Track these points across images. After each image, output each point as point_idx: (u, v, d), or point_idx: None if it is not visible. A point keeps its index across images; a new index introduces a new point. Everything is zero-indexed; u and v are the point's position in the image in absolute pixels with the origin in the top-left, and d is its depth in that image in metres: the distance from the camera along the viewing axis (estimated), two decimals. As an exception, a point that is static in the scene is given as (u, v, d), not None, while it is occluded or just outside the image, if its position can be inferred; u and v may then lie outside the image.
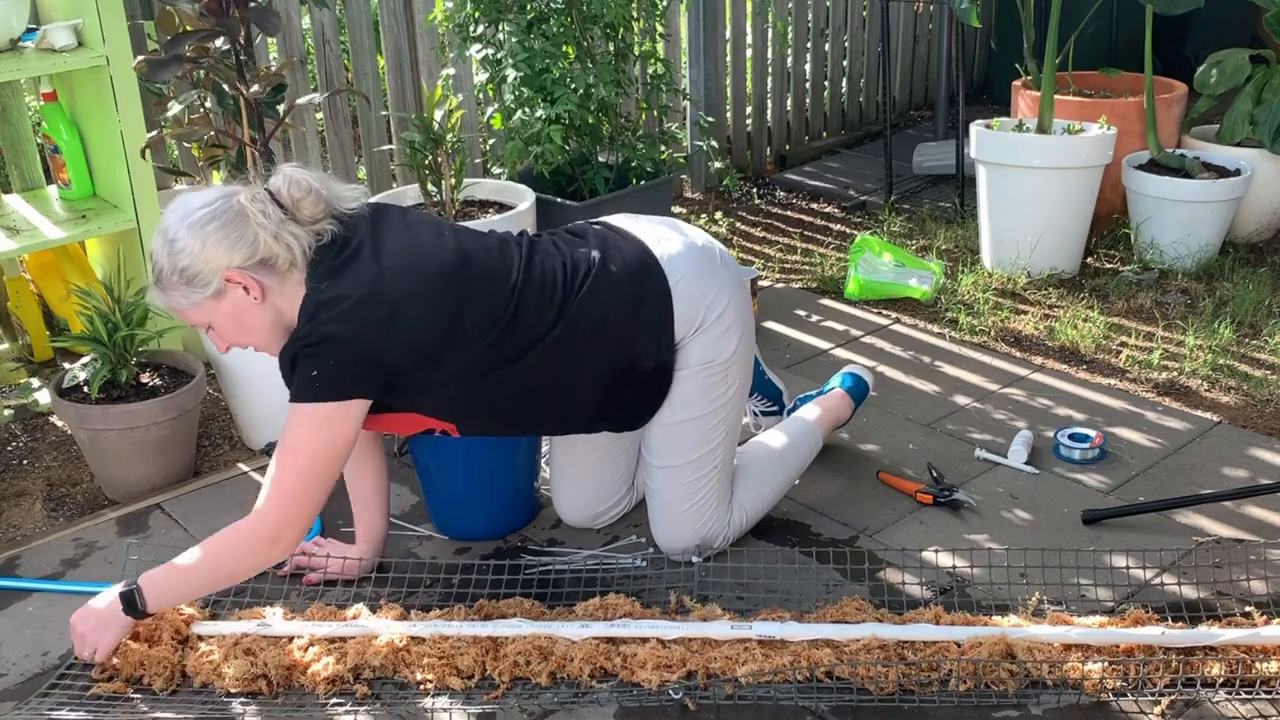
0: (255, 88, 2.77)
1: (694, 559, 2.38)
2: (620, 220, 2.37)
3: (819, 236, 4.35)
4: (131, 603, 2.07)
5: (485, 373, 2.15)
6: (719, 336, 2.26)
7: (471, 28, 3.37)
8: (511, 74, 3.25)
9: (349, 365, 2.04)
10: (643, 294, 2.22)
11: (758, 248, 4.24)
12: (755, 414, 2.96)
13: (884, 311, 3.64)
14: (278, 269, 2.05)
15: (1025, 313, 3.60)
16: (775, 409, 2.90)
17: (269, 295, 2.07)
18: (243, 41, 2.74)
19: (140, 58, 2.85)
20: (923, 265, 3.75)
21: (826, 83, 5.38)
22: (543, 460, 2.74)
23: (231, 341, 2.15)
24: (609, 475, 2.53)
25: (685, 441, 2.31)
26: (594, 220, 2.38)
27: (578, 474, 2.52)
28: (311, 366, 2.03)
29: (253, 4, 2.72)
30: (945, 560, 2.39)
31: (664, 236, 2.29)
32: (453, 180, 3.28)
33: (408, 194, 3.44)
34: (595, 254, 2.22)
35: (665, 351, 2.24)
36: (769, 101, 5.10)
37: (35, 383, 3.34)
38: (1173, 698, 1.98)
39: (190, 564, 2.09)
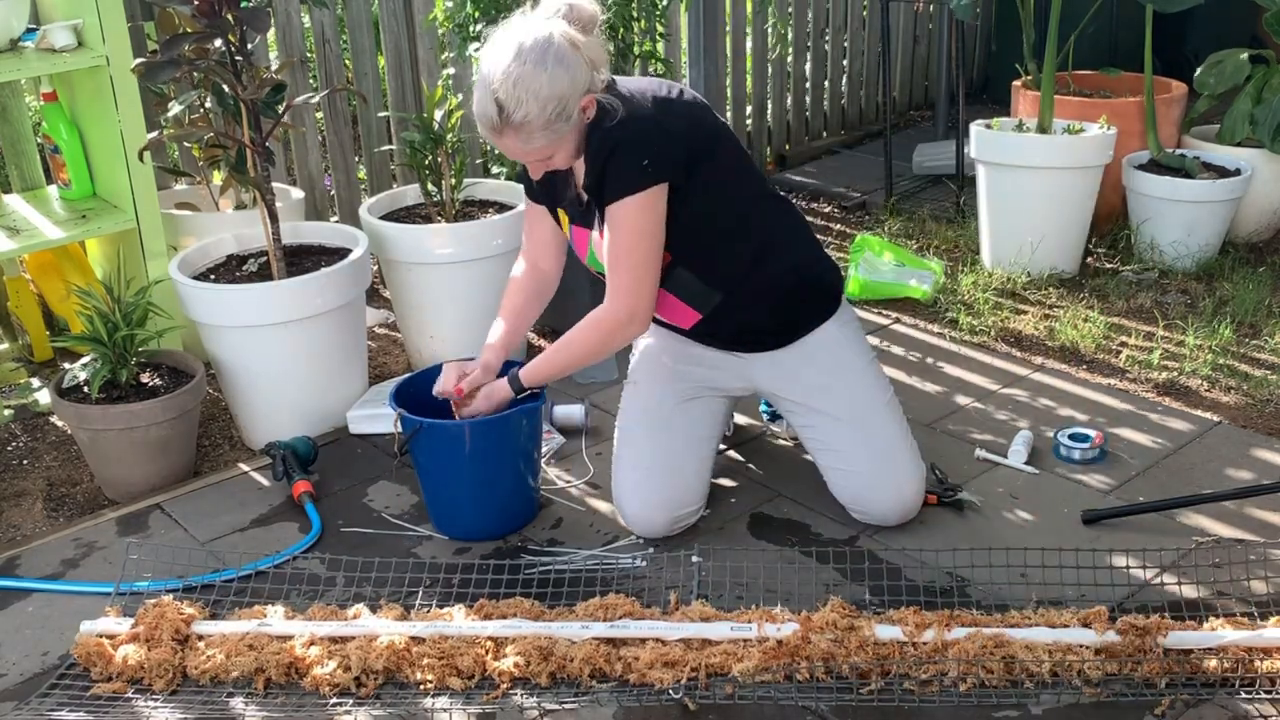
0: (251, 88, 2.77)
1: (695, 559, 2.38)
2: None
3: (819, 236, 4.33)
4: (515, 381, 2.42)
5: (734, 193, 2.37)
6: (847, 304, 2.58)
7: (471, 27, 3.37)
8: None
9: (669, 148, 2.23)
10: (802, 225, 2.56)
11: (758, 248, 4.23)
12: (766, 418, 2.97)
13: (884, 311, 3.64)
14: (595, 86, 2.21)
15: (1025, 313, 3.60)
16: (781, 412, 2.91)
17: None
18: (236, 42, 2.74)
19: (139, 60, 2.86)
20: (923, 265, 3.75)
21: (826, 83, 5.38)
22: (543, 461, 2.75)
23: (561, 165, 2.28)
24: (696, 474, 2.51)
25: (876, 381, 2.51)
26: None
27: (663, 468, 2.47)
28: (641, 155, 2.20)
29: (245, 4, 2.72)
30: (945, 560, 2.39)
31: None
32: (453, 180, 3.28)
33: (408, 194, 3.44)
34: None
35: (835, 276, 2.53)
36: (769, 101, 5.10)
37: (35, 383, 3.34)
38: (1173, 698, 1.98)
39: (558, 353, 2.41)
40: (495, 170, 3.53)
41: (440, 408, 2.50)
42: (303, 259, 3.03)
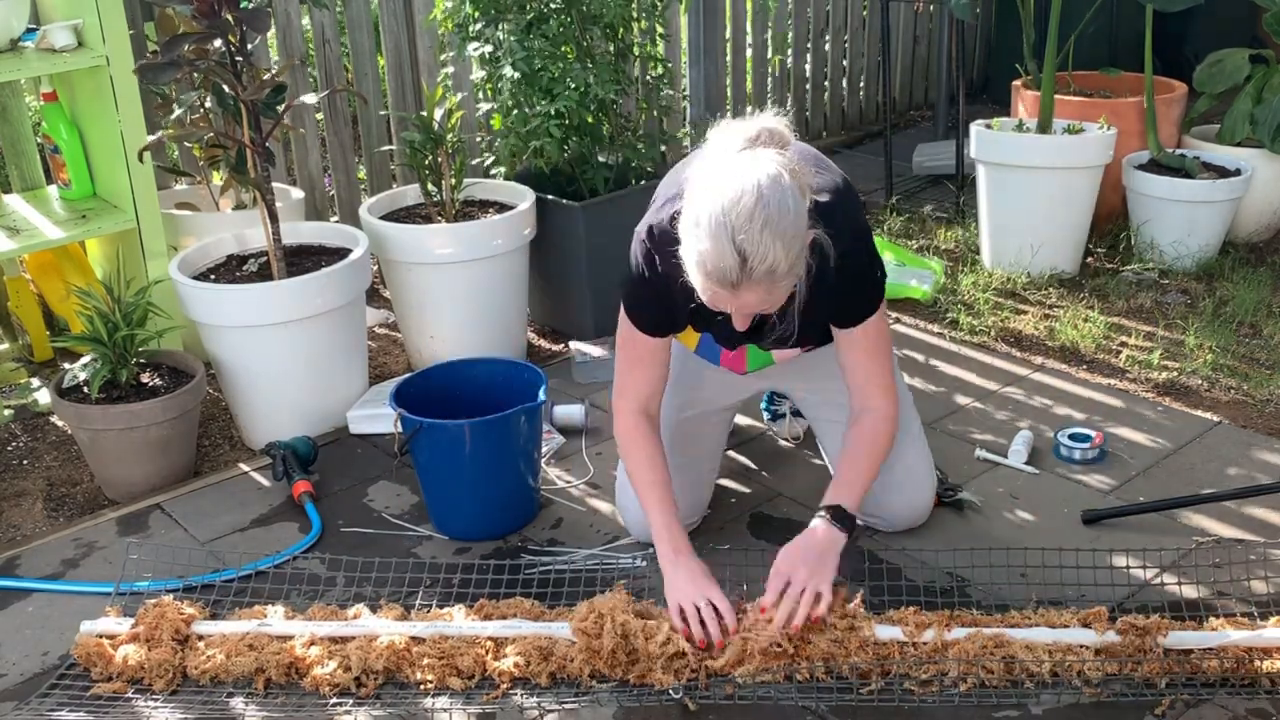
0: (251, 89, 2.77)
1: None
2: None
3: (819, 236, 4.35)
4: (843, 519, 2.16)
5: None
6: None
7: (471, 27, 3.37)
8: (510, 73, 3.25)
9: (872, 238, 2.22)
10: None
11: (758, 248, 4.23)
12: (766, 417, 2.96)
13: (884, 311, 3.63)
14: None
15: (1025, 313, 3.60)
16: (783, 412, 2.90)
17: None
18: (236, 43, 2.74)
19: (140, 62, 2.85)
20: (923, 264, 3.75)
21: (827, 83, 5.38)
22: (543, 461, 2.74)
23: (771, 310, 2.04)
24: (700, 484, 2.51)
25: (898, 389, 2.43)
26: None
27: (690, 477, 2.44)
28: (874, 269, 2.17)
29: (245, 4, 2.72)
30: (945, 560, 2.38)
31: None
32: (453, 180, 3.28)
33: (408, 194, 3.44)
34: None
35: (883, 272, 2.43)
36: (769, 101, 5.10)
37: (35, 383, 3.34)
38: (1173, 698, 1.98)
39: (856, 465, 2.22)
40: (494, 171, 3.53)
41: (440, 408, 2.50)
42: (303, 259, 3.03)
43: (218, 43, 2.73)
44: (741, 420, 2.98)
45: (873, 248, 2.19)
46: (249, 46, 2.80)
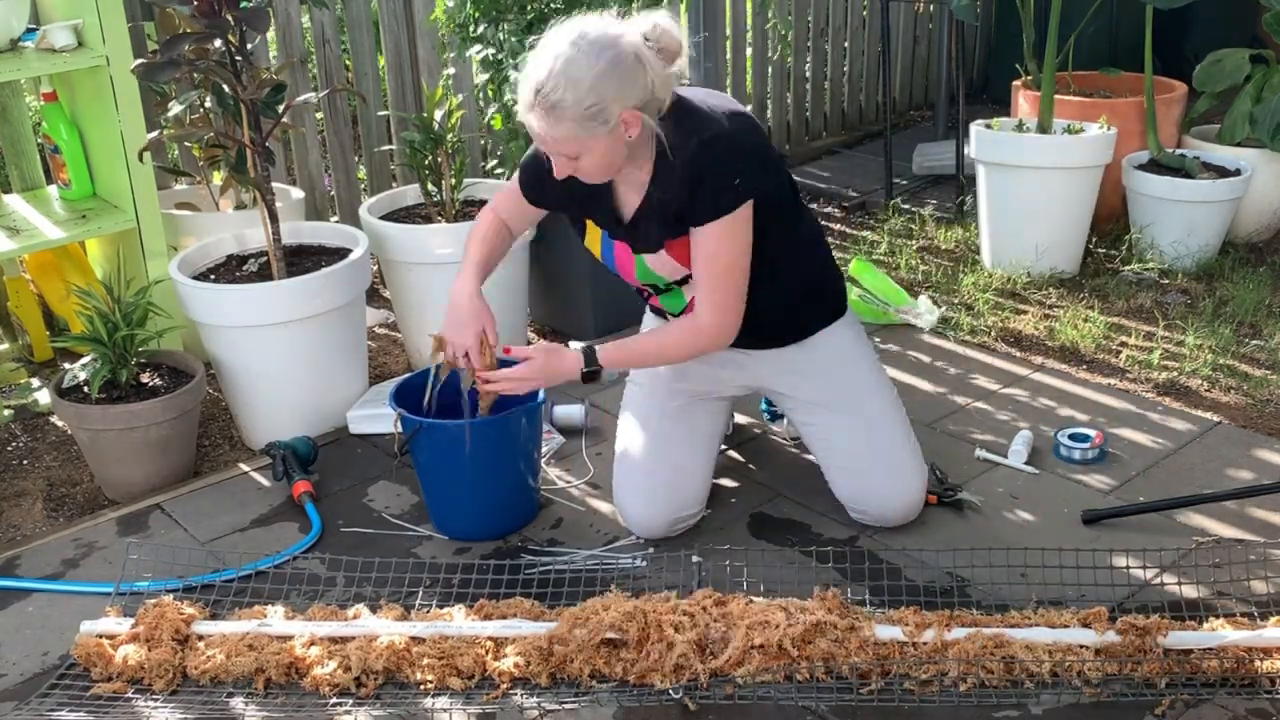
0: (251, 88, 2.77)
1: (695, 559, 2.38)
2: None
3: (819, 236, 4.35)
4: (589, 354, 2.32)
5: (784, 227, 2.33)
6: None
7: (471, 28, 3.37)
8: (513, 74, 3.25)
9: (758, 168, 2.21)
10: (818, 225, 2.57)
11: (758, 248, 4.23)
12: (766, 417, 2.97)
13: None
14: (650, 112, 2.13)
15: (1025, 313, 3.60)
16: (782, 412, 2.90)
17: (637, 133, 2.14)
18: (236, 42, 2.74)
19: (139, 61, 2.85)
20: (906, 302, 3.59)
21: (827, 83, 5.38)
22: (543, 461, 2.74)
23: (586, 171, 2.18)
24: (698, 475, 2.52)
25: (881, 381, 2.53)
26: None
27: (664, 469, 2.48)
28: (731, 175, 2.16)
29: (245, 4, 2.72)
30: (945, 560, 2.38)
31: None
32: (453, 180, 3.28)
33: (408, 194, 3.44)
34: None
35: (838, 277, 2.54)
36: (769, 101, 5.10)
37: (35, 383, 3.34)
38: (1173, 698, 1.98)
39: (641, 346, 2.40)
40: (497, 171, 3.53)
41: (441, 408, 2.50)
42: (303, 259, 3.03)
43: (217, 42, 2.73)
44: (741, 420, 2.98)
45: (745, 163, 2.18)
46: (249, 46, 2.80)
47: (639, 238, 2.31)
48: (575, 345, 2.37)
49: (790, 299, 2.42)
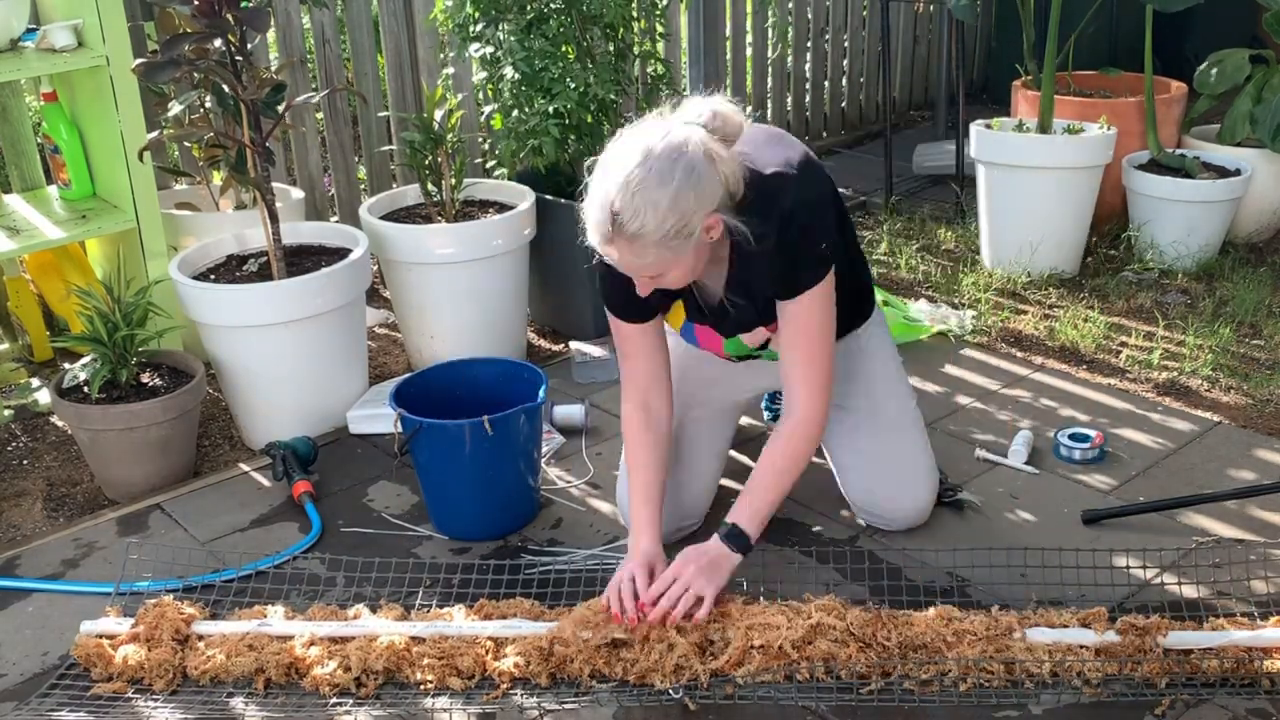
0: (251, 88, 2.77)
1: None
2: None
3: (819, 236, 4.35)
4: (737, 538, 2.13)
5: (844, 247, 2.26)
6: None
7: (471, 27, 3.37)
8: (511, 74, 3.25)
9: (831, 219, 2.14)
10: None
11: (758, 248, 4.23)
12: (767, 416, 2.96)
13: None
14: (725, 205, 2.01)
15: (1025, 313, 3.60)
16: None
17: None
18: (236, 42, 2.74)
19: (139, 60, 2.85)
20: (916, 330, 3.47)
21: (826, 83, 5.38)
22: (543, 461, 2.74)
23: (673, 284, 2.07)
24: (703, 487, 2.50)
25: (901, 388, 2.49)
26: None
27: (672, 485, 2.41)
28: (816, 240, 2.09)
29: (245, 4, 2.72)
30: (945, 560, 2.38)
31: None
32: (453, 180, 3.28)
33: (408, 194, 3.44)
34: None
35: (868, 274, 2.46)
36: (769, 101, 5.10)
37: (35, 383, 3.34)
38: (1173, 698, 1.98)
39: (769, 481, 2.19)
40: (497, 172, 3.53)
41: (440, 408, 2.50)
42: (303, 259, 3.03)
43: (218, 42, 2.73)
44: (742, 420, 2.97)
45: (824, 221, 2.11)
46: (249, 46, 2.80)
47: (727, 322, 2.24)
48: (715, 538, 2.15)
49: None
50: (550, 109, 3.23)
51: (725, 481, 2.73)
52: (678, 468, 2.45)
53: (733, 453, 2.84)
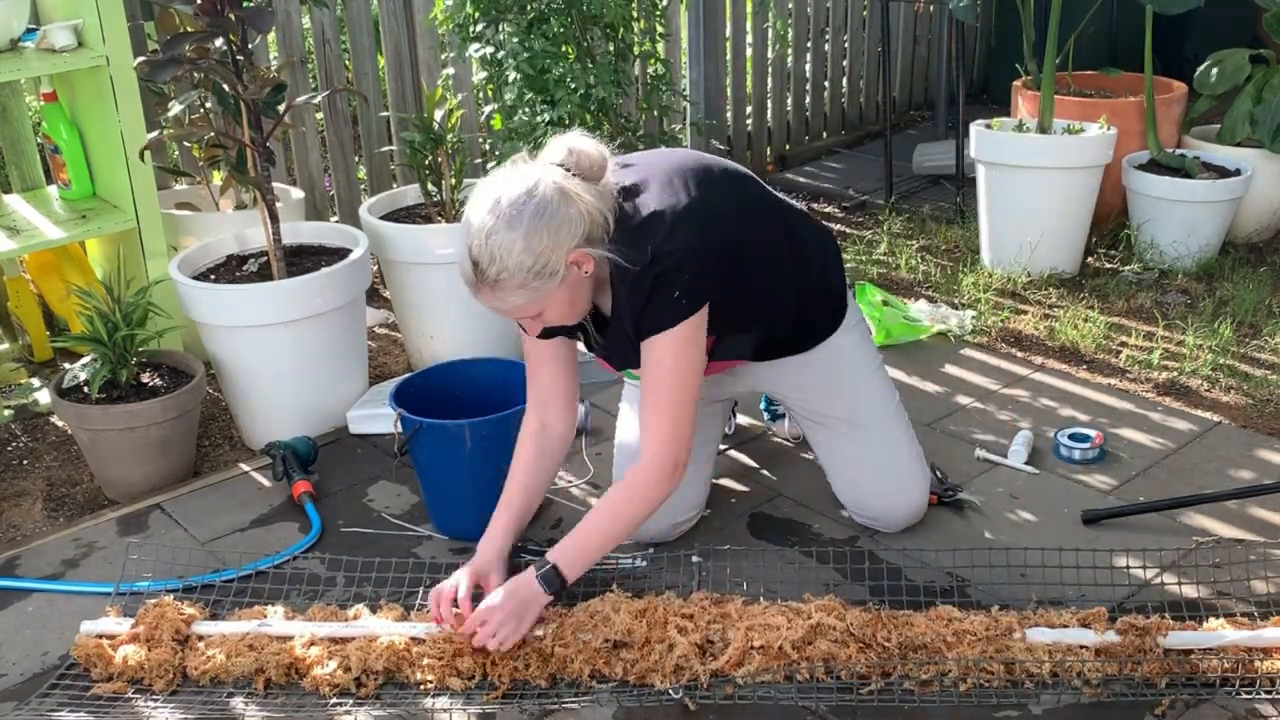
0: (252, 88, 2.77)
1: (695, 559, 2.38)
2: None
3: (819, 236, 4.35)
4: (552, 580, 2.10)
5: (763, 283, 2.23)
6: (853, 298, 2.49)
7: (471, 27, 3.37)
8: (512, 75, 3.25)
9: (700, 274, 2.07)
10: (825, 232, 2.44)
11: (758, 248, 4.23)
12: (766, 417, 2.96)
13: (884, 311, 3.63)
14: (597, 238, 2.03)
15: (1025, 313, 3.60)
16: (783, 412, 2.90)
17: (595, 264, 2.05)
18: (238, 41, 2.74)
19: (140, 59, 2.86)
20: (915, 331, 3.47)
21: (826, 83, 5.38)
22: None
23: (555, 322, 2.11)
24: (697, 479, 2.50)
25: (881, 389, 2.47)
26: None
27: None
28: (671, 288, 2.04)
29: (247, 4, 2.72)
30: (945, 560, 2.38)
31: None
32: (453, 180, 3.28)
33: (408, 194, 3.44)
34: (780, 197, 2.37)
35: (842, 281, 2.43)
36: (769, 101, 5.10)
37: (35, 383, 3.34)
38: (1173, 698, 1.98)
39: (598, 525, 2.15)
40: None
41: (441, 408, 2.50)
42: (303, 259, 3.03)
43: (218, 41, 2.73)
44: (742, 420, 2.98)
45: (691, 272, 2.04)
46: (249, 46, 2.80)
47: (614, 357, 2.26)
48: (533, 571, 2.12)
49: (780, 331, 2.36)
50: (552, 116, 3.23)
51: (727, 481, 2.73)
52: None
53: (733, 453, 2.85)
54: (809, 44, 5.20)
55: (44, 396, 3.24)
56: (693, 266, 2.05)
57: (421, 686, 2.07)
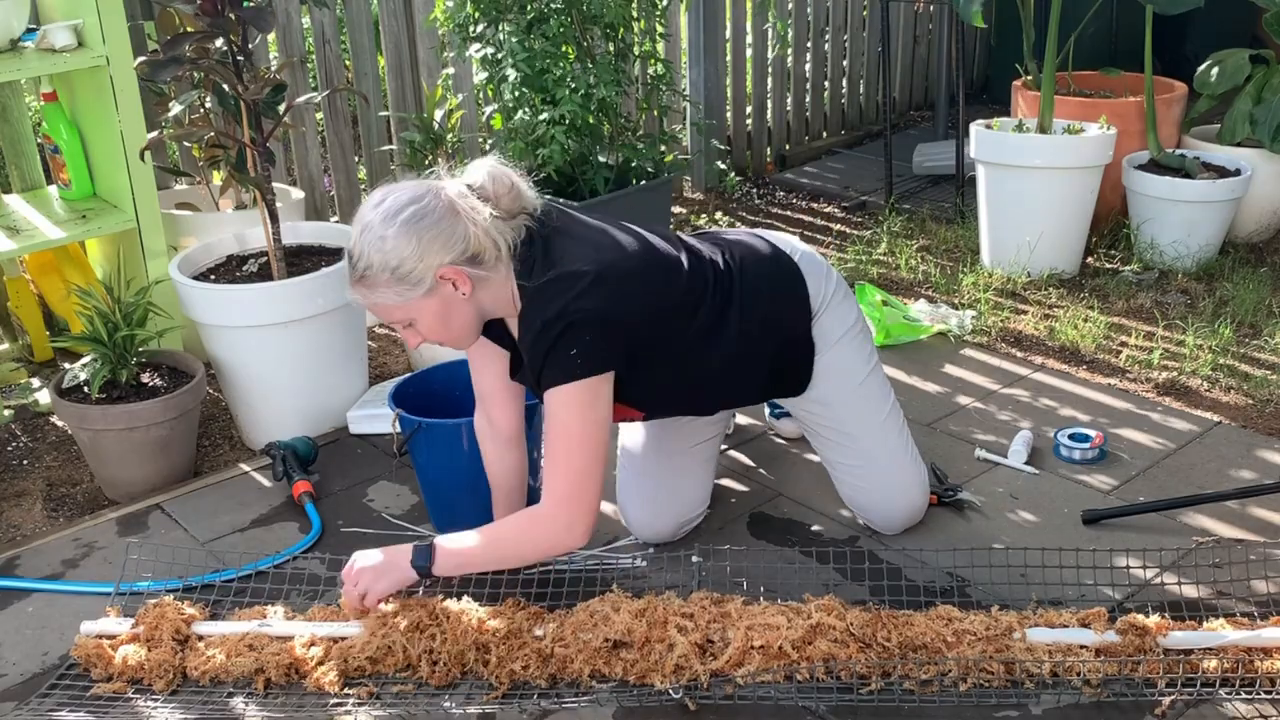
0: (253, 88, 2.77)
1: (695, 559, 2.38)
2: (707, 231, 2.54)
3: (819, 237, 4.36)
4: (423, 559, 2.11)
5: (688, 346, 2.21)
6: (841, 302, 2.39)
7: (471, 28, 3.37)
8: (512, 74, 3.25)
9: (604, 338, 2.05)
10: (780, 270, 2.34)
11: (758, 248, 4.23)
12: (770, 414, 2.96)
13: (884, 311, 3.63)
14: (485, 263, 2.03)
15: (1025, 313, 3.60)
16: (784, 412, 2.90)
17: (476, 289, 2.06)
18: (238, 41, 2.74)
19: (140, 59, 2.86)
20: (915, 331, 3.47)
21: (826, 83, 5.38)
22: (543, 460, 2.74)
23: (430, 338, 2.13)
24: (701, 476, 2.51)
25: (872, 399, 2.42)
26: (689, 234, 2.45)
27: (668, 475, 2.45)
28: (570, 345, 2.03)
29: (248, 4, 2.72)
30: (945, 560, 2.38)
31: (757, 234, 2.43)
32: (453, 180, 3.27)
33: (408, 194, 3.43)
34: (725, 247, 2.32)
35: (804, 321, 2.34)
36: (769, 101, 5.10)
37: (35, 383, 3.34)
38: (1173, 698, 1.98)
39: (482, 545, 2.14)
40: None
41: (440, 408, 2.50)
42: (303, 259, 3.03)
43: (219, 41, 2.73)
44: (742, 420, 2.98)
45: (592, 336, 2.02)
46: (249, 46, 2.80)
47: (528, 386, 2.25)
48: (412, 545, 2.14)
49: (758, 377, 2.35)
50: (554, 116, 3.23)
51: (727, 481, 2.73)
52: (670, 468, 2.46)
53: (733, 453, 2.85)
54: (809, 44, 5.20)
55: (44, 396, 3.24)
56: (595, 331, 2.03)
57: (422, 686, 2.06)
